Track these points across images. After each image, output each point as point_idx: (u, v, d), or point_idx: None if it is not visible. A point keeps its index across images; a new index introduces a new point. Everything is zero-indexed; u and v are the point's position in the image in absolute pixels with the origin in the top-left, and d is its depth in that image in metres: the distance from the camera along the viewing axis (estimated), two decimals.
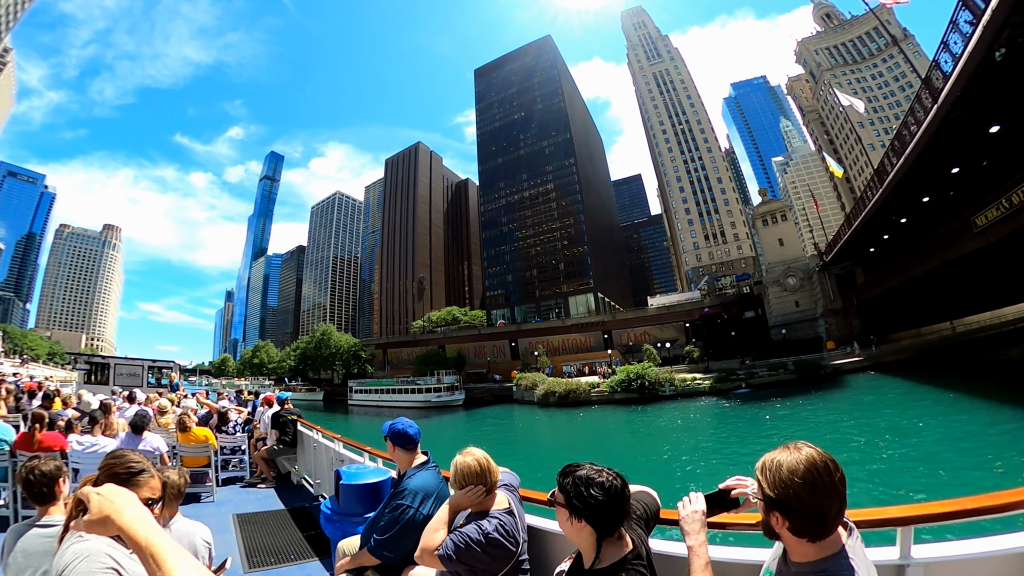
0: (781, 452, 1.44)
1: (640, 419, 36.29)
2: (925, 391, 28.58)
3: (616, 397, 45.35)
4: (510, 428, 39.72)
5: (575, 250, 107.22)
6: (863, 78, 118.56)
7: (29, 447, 5.92)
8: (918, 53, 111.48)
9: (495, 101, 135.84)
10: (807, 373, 42.79)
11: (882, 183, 33.44)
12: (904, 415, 22.72)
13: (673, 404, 41.68)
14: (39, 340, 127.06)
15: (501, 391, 61.93)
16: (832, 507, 1.35)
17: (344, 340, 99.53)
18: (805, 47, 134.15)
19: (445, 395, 63.14)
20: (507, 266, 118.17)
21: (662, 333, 67.73)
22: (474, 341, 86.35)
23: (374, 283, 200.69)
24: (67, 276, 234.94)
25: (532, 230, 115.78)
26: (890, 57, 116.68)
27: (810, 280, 59.21)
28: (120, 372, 22.17)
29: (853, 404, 29.80)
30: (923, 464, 14.96)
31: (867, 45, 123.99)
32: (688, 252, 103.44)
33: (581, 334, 74.29)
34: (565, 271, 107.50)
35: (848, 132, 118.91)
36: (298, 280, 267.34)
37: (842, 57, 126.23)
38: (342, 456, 6.39)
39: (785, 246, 63.45)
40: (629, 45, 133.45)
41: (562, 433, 34.79)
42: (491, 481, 2.67)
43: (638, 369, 45.79)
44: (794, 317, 58.59)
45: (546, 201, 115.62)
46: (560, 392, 47.42)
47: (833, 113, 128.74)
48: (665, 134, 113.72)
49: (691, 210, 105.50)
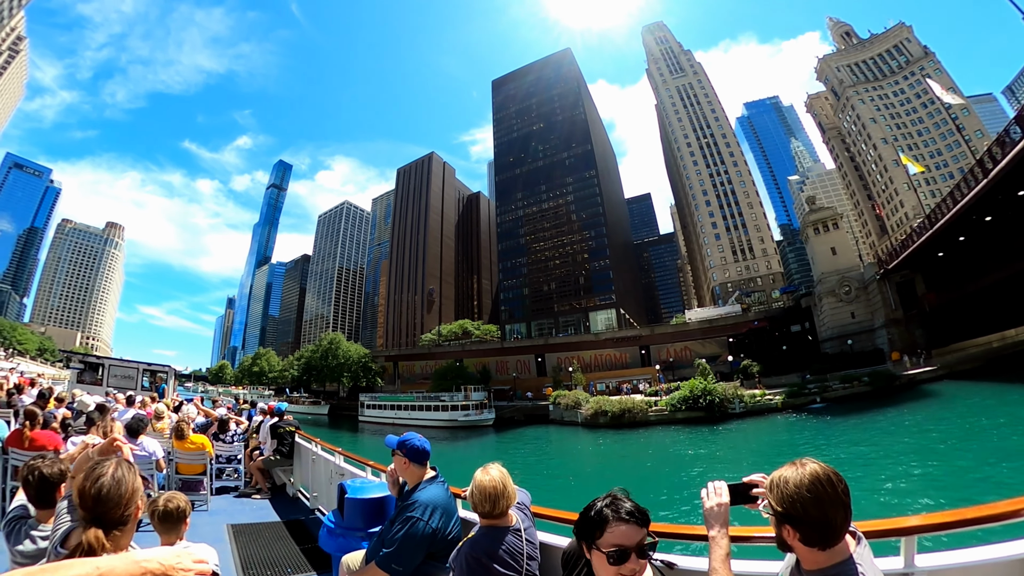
0: (788, 469, 1.54)
1: (715, 440, 32.39)
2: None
3: (678, 416, 41.05)
4: (554, 453, 35.28)
5: (596, 264, 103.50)
6: (885, 95, 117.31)
7: (20, 444, 5.68)
8: (939, 70, 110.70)
9: (513, 112, 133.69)
10: (882, 385, 40.51)
11: (986, 175, 30.95)
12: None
13: (744, 423, 38.54)
14: (29, 334, 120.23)
15: (535, 410, 56.79)
16: (838, 517, 1.45)
17: (354, 350, 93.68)
18: (827, 64, 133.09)
19: (473, 414, 57.30)
20: (524, 279, 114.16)
21: (704, 348, 63.59)
22: (496, 356, 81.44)
23: (379, 295, 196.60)
24: (66, 272, 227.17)
25: (551, 242, 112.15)
26: (911, 75, 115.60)
27: (866, 290, 56.67)
28: (114, 373, 21.41)
29: (956, 413, 27.33)
30: None
31: (887, 63, 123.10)
32: (715, 267, 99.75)
33: (616, 349, 69.88)
34: (585, 285, 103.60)
35: (871, 149, 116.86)
36: (301, 290, 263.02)
37: (863, 74, 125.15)
38: (342, 470, 6.31)
39: (838, 255, 60.50)
40: (651, 59, 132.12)
41: (623, 459, 30.14)
42: (506, 505, 2.66)
43: (704, 384, 41.54)
44: (851, 329, 55.69)
45: (566, 213, 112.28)
46: (613, 411, 42.52)
47: (855, 129, 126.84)
48: (690, 147, 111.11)
49: (717, 224, 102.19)
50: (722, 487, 1.90)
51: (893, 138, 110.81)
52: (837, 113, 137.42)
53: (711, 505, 1.88)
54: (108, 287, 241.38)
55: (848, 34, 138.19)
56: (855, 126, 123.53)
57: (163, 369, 23.14)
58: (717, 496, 1.89)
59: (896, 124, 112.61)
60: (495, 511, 2.64)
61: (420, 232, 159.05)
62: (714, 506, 1.87)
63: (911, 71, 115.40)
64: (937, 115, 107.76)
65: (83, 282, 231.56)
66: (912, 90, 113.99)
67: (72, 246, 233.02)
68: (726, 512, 1.85)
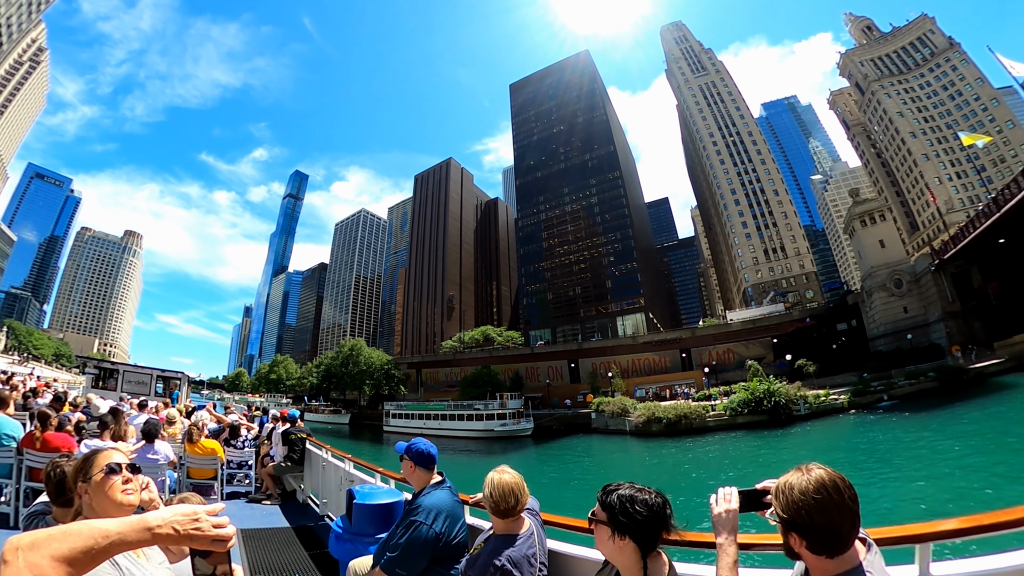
0: (793, 475, 1.50)
1: (790, 445, 30.19)
2: None
3: (739, 421, 38.72)
4: (612, 466, 32.16)
5: (623, 267, 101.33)
6: (911, 88, 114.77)
7: (33, 446, 5.74)
8: (965, 61, 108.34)
9: (532, 115, 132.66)
10: (949, 379, 38.62)
11: None
12: None
13: (811, 425, 36.42)
14: (45, 339, 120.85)
15: (575, 419, 53.44)
16: (844, 523, 1.40)
17: (376, 356, 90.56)
18: (849, 59, 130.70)
19: (510, 423, 53.49)
20: (547, 284, 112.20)
21: (747, 350, 61.03)
22: (525, 362, 78.47)
23: (395, 304, 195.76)
24: (85, 279, 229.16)
25: (575, 245, 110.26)
26: (937, 67, 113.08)
27: (918, 283, 54.60)
28: (128, 379, 21.86)
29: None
30: None
31: (911, 55, 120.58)
32: (747, 268, 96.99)
33: (654, 353, 67.07)
34: (612, 288, 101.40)
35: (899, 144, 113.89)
36: (318, 298, 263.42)
37: (887, 68, 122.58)
38: (352, 476, 6.32)
39: (887, 247, 58.19)
40: (671, 59, 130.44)
41: (702, 469, 27.47)
42: (524, 502, 2.67)
43: (767, 385, 39.26)
44: (904, 324, 53.35)
45: (590, 215, 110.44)
46: (669, 418, 39.92)
47: (882, 124, 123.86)
48: (716, 146, 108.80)
49: (748, 224, 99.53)
50: (732, 493, 1.84)
51: (921, 131, 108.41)
52: (862, 108, 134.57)
53: (720, 511, 1.83)
54: (126, 294, 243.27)
55: (869, 28, 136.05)
56: (881, 121, 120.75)
57: (176, 376, 23.76)
58: (726, 502, 1.84)
59: (924, 117, 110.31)
60: (517, 507, 2.62)
61: (439, 238, 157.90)
62: (723, 512, 1.82)
63: (936, 63, 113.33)
64: (966, 107, 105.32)
65: (101, 289, 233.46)
66: (939, 82, 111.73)
67: (91, 254, 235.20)
68: (735, 518, 1.82)
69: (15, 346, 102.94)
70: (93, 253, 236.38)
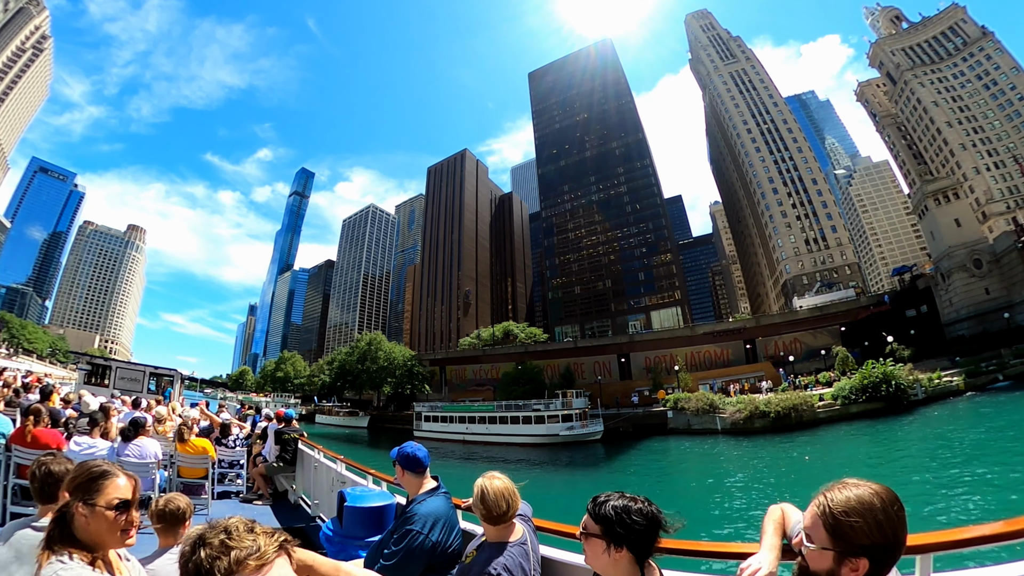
0: (853, 499, 1.30)
1: (920, 434, 26.89)
2: None
3: (852, 410, 34.57)
4: (709, 474, 25.06)
5: (657, 258, 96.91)
6: (944, 77, 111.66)
7: (22, 441, 5.54)
8: (999, 50, 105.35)
9: (554, 103, 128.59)
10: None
11: None
12: None
13: (929, 409, 33.23)
14: (40, 333, 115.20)
15: (646, 418, 47.52)
16: (905, 536, 1.30)
17: (397, 352, 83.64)
18: (880, 48, 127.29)
19: (578, 426, 46.24)
20: (574, 277, 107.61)
21: (815, 340, 56.63)
22: (567, 357, 72.41)
23: (404, 302, 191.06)
24: (87, 274, 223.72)
25: (603, 236, 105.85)
26: (971, 55, 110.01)
27: (999, 263, 51.36)
28: (121, 376, 21.77)
29: None
30: None
31: (943, 45, 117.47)
32: (788, 259, 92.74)
33: (715, 345, 62.18)
34: (644, 281, 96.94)
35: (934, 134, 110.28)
36: (324, 296, 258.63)
37: (919, 58, 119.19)
38: (344, 477, 6.18)
39: (963, 226, 54.72)
40: (698, 47, 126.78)
41: (823, 473, 22.17)
42: (514, 509, 2.62)
43: (883, 368, 35.10)
44: (987, 306, 50.18)
45: (618, 205, 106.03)
46: (778, 412, 35.06)
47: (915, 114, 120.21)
48: (751, 133, 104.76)
49: (787, 213, 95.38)
50: (765, 560, 1.64)
51: (957, 121, 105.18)
52: (893, 99, 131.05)
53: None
54: (128, 290, 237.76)
55: (898, 18, 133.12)
56: (915, 111, 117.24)
57: (169, 373, 23.54)
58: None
59: (959, 107, 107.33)
60: (508, 513, 2.56)
61: (454, 232, 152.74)
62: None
63: (970, 52, 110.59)
64: (1001, 96, 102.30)
65: (103, 284, 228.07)
66: (973, 71, 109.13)
67: (93, 248, 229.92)
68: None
69: (6, 339, 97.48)
70: (95, 247, 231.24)
